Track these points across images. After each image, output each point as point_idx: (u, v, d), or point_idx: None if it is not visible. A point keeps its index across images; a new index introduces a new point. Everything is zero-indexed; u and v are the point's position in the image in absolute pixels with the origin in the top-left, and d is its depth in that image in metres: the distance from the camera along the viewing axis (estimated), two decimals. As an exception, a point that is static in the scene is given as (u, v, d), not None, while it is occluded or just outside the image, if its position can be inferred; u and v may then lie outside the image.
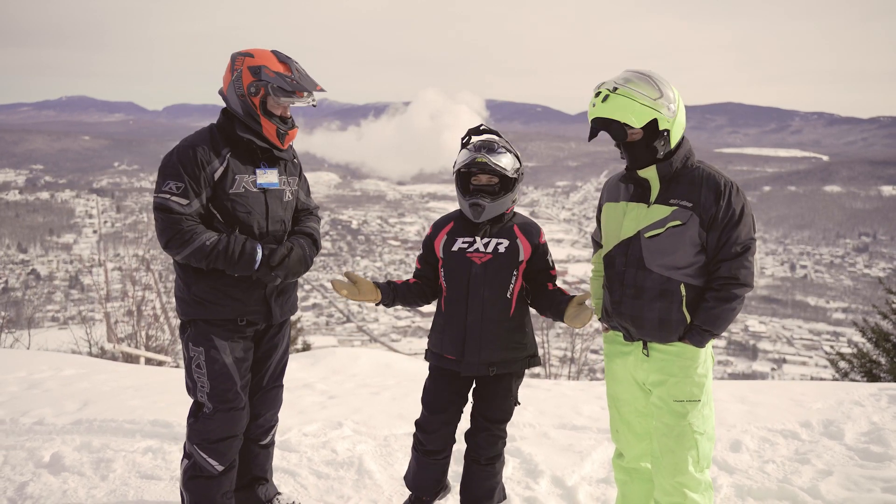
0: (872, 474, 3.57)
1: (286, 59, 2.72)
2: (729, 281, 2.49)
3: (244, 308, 2.73)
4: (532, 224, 2.95)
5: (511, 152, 2.82)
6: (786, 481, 3.52)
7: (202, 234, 2.60)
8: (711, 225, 2.49)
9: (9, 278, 69.65)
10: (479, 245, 2.83)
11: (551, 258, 2.96)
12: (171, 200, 2.58)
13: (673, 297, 2.53)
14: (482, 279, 2.80)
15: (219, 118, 2.78)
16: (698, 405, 2.56)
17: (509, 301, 2.82)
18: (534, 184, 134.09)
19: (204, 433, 2.74)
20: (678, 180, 2.55)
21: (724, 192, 2.48)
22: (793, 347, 62.88)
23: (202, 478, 2.77)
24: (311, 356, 9.00)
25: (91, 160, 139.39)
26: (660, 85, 2.45)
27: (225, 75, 2.73)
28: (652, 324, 2.56)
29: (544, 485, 3.48)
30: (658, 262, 2.54)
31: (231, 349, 2.73)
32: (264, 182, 2.75)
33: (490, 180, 2.81)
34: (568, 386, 5.54)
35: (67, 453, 3.76)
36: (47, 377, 5.80)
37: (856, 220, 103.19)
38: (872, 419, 4.44)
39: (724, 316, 2.51)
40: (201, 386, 2.73)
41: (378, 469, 3.63)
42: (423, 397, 2.97)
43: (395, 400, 4.82)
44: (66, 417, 4.43)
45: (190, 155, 2.62)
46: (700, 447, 2.58)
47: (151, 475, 3.54)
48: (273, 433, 3.12)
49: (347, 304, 71.16)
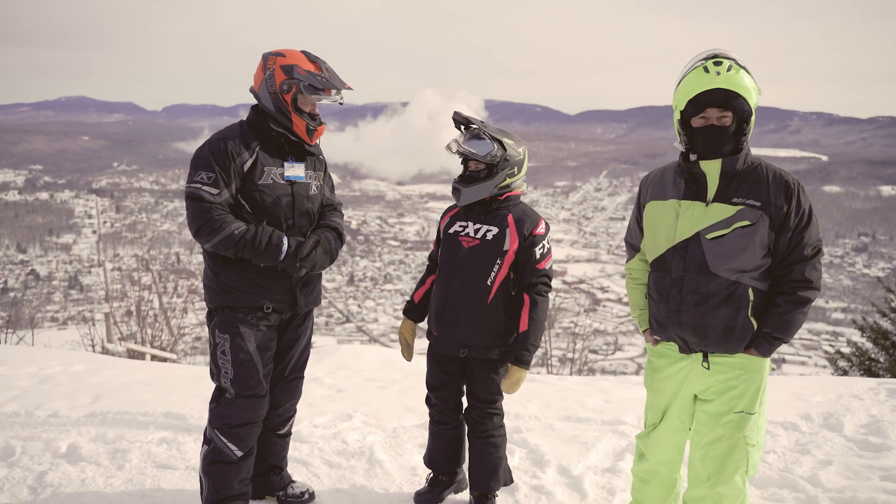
0: (871, 463, 3.66)
1: (316, 58, 2.85)
2: (803, 284, 2.36)
3: (270, 296, 2.83)
4: (529, 215, 2.99)
5: (491, 139, 2.89)
6: (787, 471, 3.61)
7: (231, 224, 2.70)
8: (782, 226, 2.35)
9: (8, 279, 69.61)
10: (471, 230, 2.96)
11: (542, 251, 2.96)
12: (203, 190, 2.70)
13: (741, 303, 2.36)
14: (466, 262, 2.93)
15: (249, 114, 2.91)
16: (754, 417, 2.46)
17: (489, 288, 2.91)
18: (533, 184, 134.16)
19: (225, 417, 2.83)
20: (740, 177, 2.38)
21: (794, 192, 2.34)
22: (792, 347, 62.92)
23: (221, 463, 2.85)
24: (316, 353, 9.08)
25: (90, 160, 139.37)
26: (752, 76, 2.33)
27: (256, 74, 2.85)
28: (717, 332, 2.38)
29: (551, 474, 3.56)
30: (725, 266, 2.36)
31: (255, 337, 2.82)
32: (291, 175, 2.87)
33: (476, 166, 2.93)
34: (571, 381, 5.63)
35: (83, 444, 3.84)
36: (58, 372, 5.87)
37: (855, 220, 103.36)
38: (871, 412, 4.53)
39: (797, 321, 2.37)
40: (225, 372, 2.82)
41: (388, 459, 3.72)
42: (426, 375, 3.17)
43: (403, 393, 4.91)
44: (79, 410, 4.51)
45: (221, 147, 2.74)
46: (751, 458, 2.49)
47: (167, 465, 3.62)
48: (291, 423, 3.21)
49: (347, 304, 71.19)
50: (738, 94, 2.28)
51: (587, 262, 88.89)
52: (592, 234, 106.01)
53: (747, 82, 2.29)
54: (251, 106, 2.91)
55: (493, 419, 3.04)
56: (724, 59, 2.29)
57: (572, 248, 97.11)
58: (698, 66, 2.32)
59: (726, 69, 2.27)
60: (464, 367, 3.05)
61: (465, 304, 2.91)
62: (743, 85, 2.28)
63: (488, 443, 3.04)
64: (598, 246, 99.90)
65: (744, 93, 2.28)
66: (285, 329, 3.01)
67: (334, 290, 74.93)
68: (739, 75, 2.29)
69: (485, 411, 3.02)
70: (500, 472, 3.11)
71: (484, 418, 3.02)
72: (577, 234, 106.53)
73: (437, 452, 3.19)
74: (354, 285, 76.44)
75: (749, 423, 2.45)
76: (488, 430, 3.03)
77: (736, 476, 2.48)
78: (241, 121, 2.93)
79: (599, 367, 40.43)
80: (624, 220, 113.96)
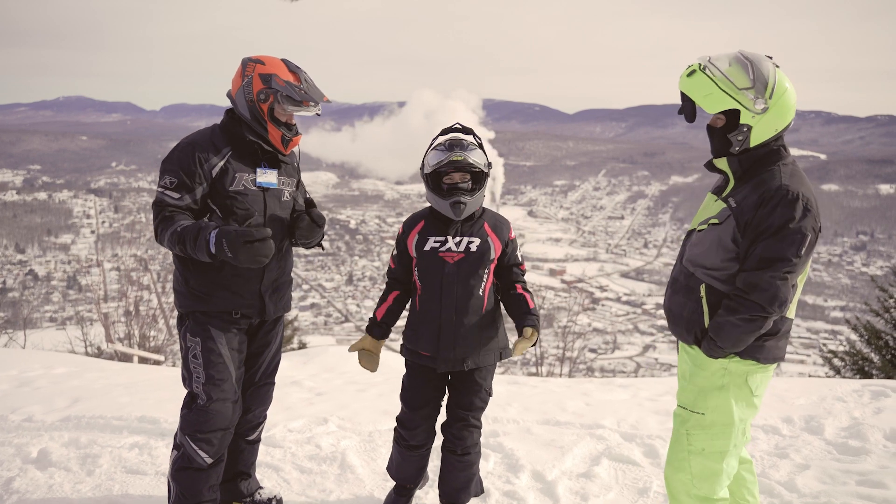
0: (848, 468, 3.62)
1: (296, 68, 2.80)
2: (741, 293, 2.28)
3: (240, 301, 2.80)
4: (501, 220, 3.02)
5: (480, 147, 2.88)
6: (763, 475, 3.57)
7: (179, 220, 2.67)
8: (744, 232, 2.29)
9: (6, 279, 69.60)
10: (451, 244, 2.88)
11: (520, 253, 3.03)
12: (165, 194, 2.70)
13: (692, 295, 2.40)
14: (455, 278, 2.86)
15: (223, 118, 2.88)
16: (700, 418, 2.40)
17: (482, 298, 2.90)
18: (531, 183, 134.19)
19: (196, 424, 2.79)
20: (750, 178, 2.35)
21: (769, 200, 2.25)
22: (791, 346, 62.93)
23: (191, 469, 2.80)
24: (304, 354, 9.05)
25: (89, 160, 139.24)
26: (758, 75, 2.24)
27: (234, 79, 2.81)
28: (674, 318, 2.49)
29: (524, 479, 3.52)
30: (689, 257, 2.45)
31: (227, 340, 2.80)
32: (263, 181, 2.83)
33: (463, 178, 2.85)
34: (555, 383, 5.59)
35: (55, 449, 3.81)
36: (39, 375, 5.84)
37: (853, 218, 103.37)
38: (853, 414, 4.49)
39: (729, 330, 2.29)
40: (196, 377, 2.79)
41: (361, 464, 3.68)
42: (402, 394, 3.04)
43: (382, 396, 4.87)
44: (55, 414, 4.47)
45: (188, 152, 2.72)
46: (692, 466, 2.42)
47: (137, 470, 3.59)
48: (261, 430, 3.17)
49: (346, 303, 71.17)
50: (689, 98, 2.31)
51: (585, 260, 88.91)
52: (591, 233, 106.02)
53: (703, 85, 2.25)
54: (226, 109, 2.88)
55: (472, 434, 2.98)
56: (693, 64, 2.29)
57: (571, 246, 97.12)
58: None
59: (687, 73, 2.28)
60: (447, 382, 3.02)
61: (463, 320, 2.86)
62: (696, 87, 2.26)
63: (465, 459, 2.99)
64: (596, 245, 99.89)
65: (693, 95, 2.27)
66: (255, 334, 2.97)
67: (333, 289, 74.94)
68: (693, 79, 2.27)
69: (468, 423, 2.96)
70: (472, 485, 3.08)
71: (463, 431, 2.95)
72: (575, 232, 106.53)
73: (406, 470, 3.10)
74: (353, 284, 76.42)
75: (692, 422, 2.42)
76: (467, 445, 2.97)
77: (680, 474, 2.43)
78: (214, 125, 2.89)
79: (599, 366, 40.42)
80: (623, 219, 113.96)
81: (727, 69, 2.25)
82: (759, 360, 2.36)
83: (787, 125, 2.33)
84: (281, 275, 2.94)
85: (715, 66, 2.25)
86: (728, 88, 2.23)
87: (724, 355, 2.35)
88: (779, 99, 2.26)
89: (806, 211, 2.24)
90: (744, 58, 2.28)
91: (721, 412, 2.40)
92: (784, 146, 2.38)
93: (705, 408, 2.41)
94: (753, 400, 2.43)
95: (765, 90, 2.24)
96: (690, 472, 2.43)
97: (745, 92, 2.23)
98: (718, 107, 2.26)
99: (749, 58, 2.28)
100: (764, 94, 2.24)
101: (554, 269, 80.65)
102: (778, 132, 2.33)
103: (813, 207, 2.27)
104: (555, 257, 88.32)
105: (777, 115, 2.28)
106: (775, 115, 2.28)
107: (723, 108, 2.26)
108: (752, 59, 2.27)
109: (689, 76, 2.28)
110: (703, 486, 2.43)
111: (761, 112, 2.26)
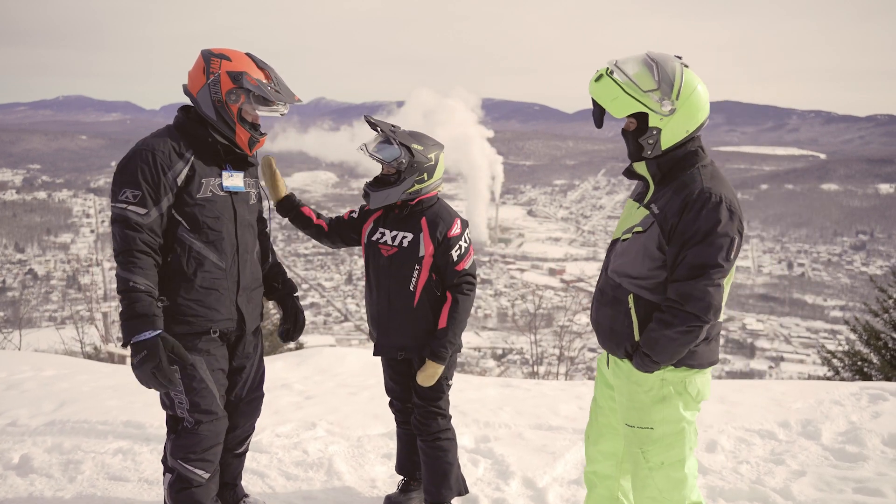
0: (845, 475, 3.55)
1: (264, 64, 2.64)
2: (671, 303, 2.21)
3: (216, 315, 2.65)
4: (443, 217, 2.93)
5: (399, 145, 2.84)
6: (758, 482, 3.50)
7: (139, 273, 2.43)
8: (670, 239, 2.22)
9: (6, 278, 69.48)
10: (388, 237, 2.94)
11: (459, 252, 2.89)
12: (129, 210, 2.45)
13: (620, 307, 2.34)
14: (387, 271, 2.93)
15: (177, 117, 2.66)
16: (653, 434, 2.34)
17: (412, 293, 2.90)
18: (531, 182, 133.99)
19: (187, 447, 2.66)
20: (670, 182, 2.28)
21: (693, 204, 2.18)
22: (790, 345, 62.90)
23: (190, 488, 2.69)
24: (299, 356, 8.95)
25: (88, 160, 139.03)
26: (663, 76, 2.18)
27: (195, 74, 2.58)
28: (604, 331, 2.41)
29: (514, 486, 3.45)
30: (615, 267, 2.39)
31: (208, 363, 2.65)
32: (231, 185, 2.66)
33: (388, 170, 2.90)
34: (549, 386, 5.52)
35: (37, 455, 3.74)
36: (27, 378, 5.76)
37: (853, 217, 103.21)
38: (851, 418, 4.43)
39: (664, 344, 2.21)
40: (179, 402, 2.64)
41: (348, 470, 3.61)
42: (384, 379, 3.23)
43: (373, 400, 4.79)
44: (40, 418, 4.40)
45: (149, 159, 2.48)
46: (654, 482, 2.37)
47: (120, 476, 3.52)
48: (248, 442, 3.07)
49: (345, 302, 71.03)
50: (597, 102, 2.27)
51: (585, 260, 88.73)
52: (591, 233, 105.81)
53: (609, 89, 2.20)
54: (181, 107, 2.67)
55: (437, 420, 3.01)
56: (601, 69, 2.24)
57: (570, 246, 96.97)
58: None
59: (595, 78, 2.24)
60: (409, 368, 3.05)
61: (393, 311, 2.94)
62: (602, 92, 2.22)
63: (435, 446, 3.02)
64: (596, 244, 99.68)
65: (601, 100, 2.23)
66: (235, 348, 2.83)
67: (332, 288, 74.80)
68: (600, 84, 2.22)
69: (427, 409, 3.00)
70: (450, 478, 3.05)
71: (427, 418, 3.01)
72: (575, 232, 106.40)
73: (403, 455, 3.22)
74: (353, 284, 76.26)
75: (643, 438, 2.36)
76: (433, 431, 3.01)
77: (647, 491, 2.39)
78: (168, 126, 2.65)
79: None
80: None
81: (633, 72, 2.20)
82: (693, 366, 2.31)
83: (699, 125, 2.27)
84: (254, 283, 2.82)
85: (621, 70, 2.21)
86: (633, 92, 2.18)
87: (659, 369, 2.28)
88: (686, 99, 2.20)
89: (731, 214, 2.19)
90: (650, 59, 2.22)
91: (669, 422, 2.34)
92: (702, 147, 2.32)
93: (652, 422, 2.34)
94: (697, 404, 2.38)
95: (671, 91, 2.19)
96: (657, 487, 2.38)
97: (651, 94, 2.18)
98: (625, 111, 2.21)
99: (655, 59, 2.22)
100: (670, 95, 2.19)
101: (553, 269, 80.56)
102: (690, 133, 2.26)
103: (736, 209, 2.21)
104: (554, 257, 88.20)
105: (686, 116, 2.23)
106: (684, 117, 2.22)
107: (630, 111, 2.21)
108: (658, 61, 2.21)
109: (596, 81, 2.23)
110: (672, 496, 2.39)
111: (669, 114, 2.20)
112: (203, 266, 2.59)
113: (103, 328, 12.72)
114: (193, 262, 2.58)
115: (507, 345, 40.15)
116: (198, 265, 2.58)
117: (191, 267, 2.57)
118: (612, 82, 2.20)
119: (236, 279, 2.70)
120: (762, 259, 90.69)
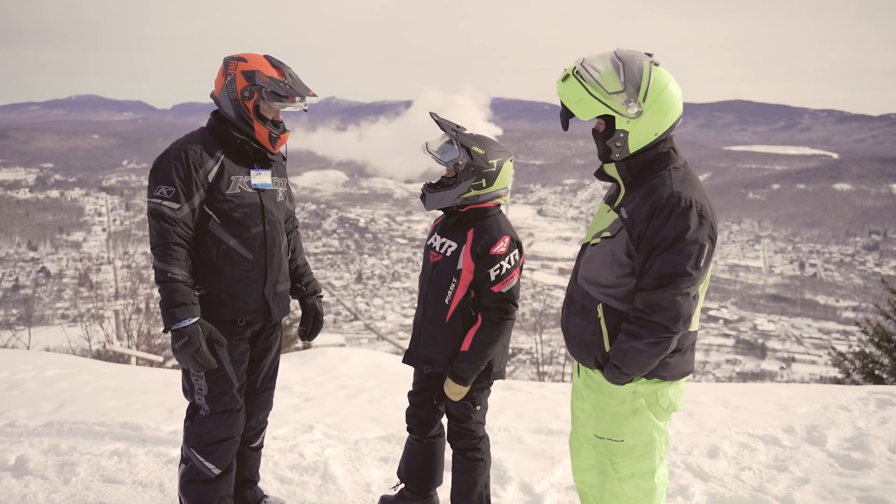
0: (850, 483, 3.47)
1: (279, 63, 2.74)
2: (642, 315, 2.10)
3: (245, 307, 2.74)
4: (491, 229, 2.75)
5: (460, 146, 2.72)
6: (760, 490, 3.43)
7: (176, 263, 2.56)
8: (637, 246, 2.12)
9: (19, 276, 70.06)
10: (437, 244, 2.84)
11: (499, 272, 2.70)
12: (163, 206, 2.59)
13: (589, 316, 2.25)
14: (430, 278, 2.83)
15: (209, 120, 2.81)
16: (623, 446, 2.27)
17: (447, 307, 2.78)
18: (541, 182, 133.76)
19: (201, 435, 2.74)
20: (640, 185, 2.18)
21: (661, 209, 2.07)
22: (802, 346, 62.44)
23: (199, 481, 2.76)
24: (302, 356, 8.94)
25: (100, 159, 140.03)
26: (629, 77, 2.07)
27: (217, 79, 2.75)
28: (574, 341, 2.32)
29: (511, 491, 3.41)
30: (583, 274, 2.30)
31: (230, 352, 2.73)
32: (259, 183, 2.78)
33: (448, 172, 2.79)
34: (551, 388, 5.46)
35: (33, 456, 3.72)
36: (29, 377, 5.77)
37: (866, 217, 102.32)
38: (857, 424, 4.34)
39: (633, 355, 2.12)
40: (199, 389, 2.73)
41: (343, 474, 3.57)
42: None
43: (372, 402, 4.76)
44: (39, 419, 4.39)
45: (182, 157, 2.63)
46: (624, 491, 2.30)
47: (114, 479, 3.50)
48: (263, 435, 3.12)
49: (355, 301, 71.18)
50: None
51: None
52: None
53: (574, 90, 2.09)
54: (212, 111, 2.81)
55: (464, 440, 2.90)
56: (567, 68, 2.13)
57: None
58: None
59: (561, 78, 2.13)
60: (436, 383, 2.94)
61: (427, 322, 2.83)
62: (568, 93, 2.11)
63: (465, 463, 2.91)
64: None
65: (566, 102, 2.13)
66: (256, 339, 2.91)
67: (342, 287, 74.98)
68: (566, 84, 2.11)
69: (457, 426, 2.90)
70: (472, 496, 2.93)
71: (457, 433, 2.91)
72: (585, 231, 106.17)
73: (404, 462, 3.11)
74: (363, 283, 76.42)
75: (613, 450, 2.28)
76: (460, 448, 2.91)
77: (616, 502, 2.32)
78: (201, 128, 2.81)
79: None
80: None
81: (599, 73, 2.08)
82: (665, 378, 2.22)
83: (670, 126, 2.16)
84: (281, 277, 2.89)
85: (587, 70, 2.09)
86: (599, 94, 2.07)
87: (630, 381, 2.20)
88: (655, 101, 2.09)
89: (701, 219, 2.07)
90: (617, 59, 2.10)
91: (639, 434, 2.26)
92: (674, 148, 2.20)
93: (622, 434, 2.27)
94: (669, 415, 2.30)
95: (637, 93, 2.07)
96: (626, 496, 2.32)
97: (616, 96, 2.07)
98: (590, 113, 2.10)
99: (622, 58, 2.10)
100: (637, 97, 2.07)
101: (563, 269, 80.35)
102: (659, 135, 2.15)
103: (708, 214, 2.09)
104: (564, 256, 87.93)
105: (655, 117, 2.11)
106: (652, 118, 2.11)
107: (595, 114, 2.11)
108: (625, 60, 2.09)
109: (563, 80, 2.11)
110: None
111: (635, 116, 2.09)
112: (232, 258, 2.70)
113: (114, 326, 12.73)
114: (223, 255, 2.69)
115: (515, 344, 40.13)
116: (227, 257, 2.69)
117: (220, 259, 2.69)
118: (578, 83, 2.09)
119: (263, 272, 2.78)
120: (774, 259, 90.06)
